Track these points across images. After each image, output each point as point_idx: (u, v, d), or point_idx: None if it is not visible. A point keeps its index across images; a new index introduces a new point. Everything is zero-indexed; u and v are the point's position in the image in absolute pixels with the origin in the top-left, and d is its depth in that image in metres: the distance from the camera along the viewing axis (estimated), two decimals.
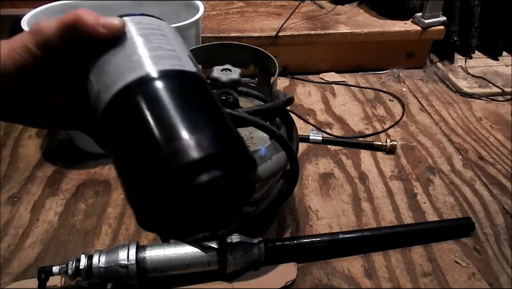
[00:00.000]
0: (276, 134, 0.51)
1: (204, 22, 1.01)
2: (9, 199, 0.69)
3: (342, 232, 0.64)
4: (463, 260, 0.63)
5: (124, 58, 0.27)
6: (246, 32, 1.02)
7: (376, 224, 0.68)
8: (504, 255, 0.64)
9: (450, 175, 0.79)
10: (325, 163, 0.80)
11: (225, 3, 1.18)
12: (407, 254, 0.63)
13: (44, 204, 0.68)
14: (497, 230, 0.68)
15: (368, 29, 1.07)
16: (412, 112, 0.98)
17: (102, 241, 0.62)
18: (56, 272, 0.52)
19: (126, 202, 0.26)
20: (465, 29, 1.15)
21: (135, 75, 0.26)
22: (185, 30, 0.72)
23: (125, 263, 0.52)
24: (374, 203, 0.72)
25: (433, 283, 0.59)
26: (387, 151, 0.84)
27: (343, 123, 0.92)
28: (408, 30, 1.09)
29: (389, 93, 1.05)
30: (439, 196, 0.74)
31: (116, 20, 0.28)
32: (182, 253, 0.55)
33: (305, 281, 0.58)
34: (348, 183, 0.76)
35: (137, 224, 0.25)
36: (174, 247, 0.55)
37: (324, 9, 1.17)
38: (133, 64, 0.26)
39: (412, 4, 1.11)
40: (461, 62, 1.17)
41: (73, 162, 0.76)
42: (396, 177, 0.78)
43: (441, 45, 1.15)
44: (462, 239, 0.66)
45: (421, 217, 0.70)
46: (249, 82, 0.70)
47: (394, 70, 1.13)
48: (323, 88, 1.05)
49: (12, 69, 0.27)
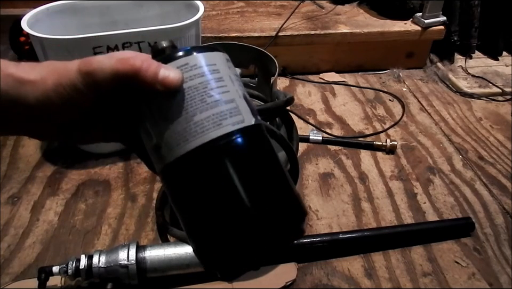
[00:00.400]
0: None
1: (204, 22, 1.01)
2: (9, 199, 0.69)
3: (342, 232, 0.64)
4: (463, 260, 0.63)
5: (185, 119, 0.27)
6: (246, 32, 1.02)
7: (376, 224, 0.68)
8: (504, 255, 0.64)
9: (450, 175, 0.79)
10: (325, 163, 0.80)
11: (225, 4, 1.18)
12: (407, 254, 0.63)
13: (44, 204, 0.68)
14: (497, 230, 0.68)
15: (368, 29, 1.07)
16: (412, 112, 0.97)
17: (102, 241, 0.62)
18: (56, 272, 0.52)
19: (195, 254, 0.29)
20: (465, 29, 1.15)
21: (199, 142, 0.26)
22: (185, 30, 0.72)
23: (125, 263, 0.52)
24: (374, 203, 0.72)
25: (433, 283, 0.59)
26: (387, 151, 0.84)
27: (343, 123, 0.92)
28: (408, 30, 1.09)
29: (389, 93, 1.05)
30: (439, 196, 0.74)
31: (175, 75, 0.26)
32: (182, 253, 0.55)
33: (305, 281, 0.58)
34: (347, 183, 0.76)
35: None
36: (174, 247, 0.55)
37: (323, 9, 1.17)
38: (196, 127, 0.26)
39: (412, 4, 1.11)
40: (461, 62, 1.17)
41: (73, 162, 0.76)
42: (396, 177, 0.78)
43: (441, 45, 1.15)
44: (462, 239, 0.66)
45: (421, 217, 0.70)
46: (249, 82, 0.70)
47: (394, 70, 1.13)
48: (323, 88, 1.05)
49: (57, 102, 0.27)
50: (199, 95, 0.27)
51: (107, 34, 0.67)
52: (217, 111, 0.27)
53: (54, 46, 0.66)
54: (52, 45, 0.65)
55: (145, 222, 0.66)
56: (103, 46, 0.67)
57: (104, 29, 0.68)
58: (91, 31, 0.67)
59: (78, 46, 0.66)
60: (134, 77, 0.26)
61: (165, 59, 0.27)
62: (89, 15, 0.78)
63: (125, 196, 0.70)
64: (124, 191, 0.71)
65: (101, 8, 0.77)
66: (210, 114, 0.27)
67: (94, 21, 0.78)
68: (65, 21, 0.76)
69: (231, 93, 0.28)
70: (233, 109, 0.27)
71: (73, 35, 0.65)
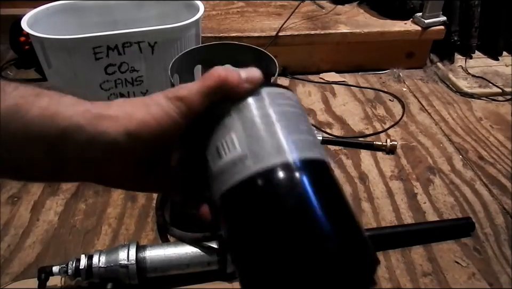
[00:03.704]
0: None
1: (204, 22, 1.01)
2: (9, 199, 0.69)
3: None
4: (463, 260, 0.63)
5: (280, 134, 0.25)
6: (246, 32, 1.02)
7: (376, 224, 0.68)
8: (504, 255, 0.64)
9: (450, 175, 0.79)
10: None
11: (225, 4, 1.18)
12: (407, 254, 0.63)
13: (44, 204, 0.68)
14: (497, 230, 0.68)
15: (368, 29, 1.07)
16: (412, 112, 0.97)
17: (102, 241, 0.62)
18: (56, 272, 0.52)
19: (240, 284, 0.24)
20: (465, 29, 1.15)
21: (279, 160, 0.24)
22: (185, 30, 0.72)
23: (125, 263, 0.52)
24: (374, 203, 0.72)
25: (433, 283, 0.59)
26: (387, 151, 0.84)
27: (343, 123, 0.92)
28: (408, 30, 1.09)
29: (389, 93, 1.04)
30: (439, 196, 0.74)
31: (256, 71, 0.27)
32: (182, 253, 0.55)
33: None
34: (348, 183, 0.76)
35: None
36: (174, 247, 0.55)
37: (324, 9, 1.17)
38: (291, 144, 0.25)
39: (412, 4, 1.10)
40: (461, 62, 1.17)
41: None
42: (396, 177, 0.78)
43: (441, 45, 1.15)
44: (462, 239, 0.66)
45: (421, 217, 0.70)
46: None
47: (394, 70, 1.13)
48: (323, 88, 1.05)
49: (147, 137, 0.25)
50: (294, 119, 0.27)
51: (107, 34, 0.67)
52: (308, 138, 0.26)
53: (54, 46, 0.66)
54: (52, 45, 0.65)
55: (145, 222, 0.66)
56: (103, 46, 0.67)
57: (104, 29, 0.68)
58: (91, 31, 0.67)
59: (78, 46, 0.66)
60: (222, 85, 0.26)
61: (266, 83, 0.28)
62: (89, 15, 0.78)
63: (125, 196, 0.70)
64: (124, 191, 0.71)
65: (101, 8, 0.77)
66: (303, 138, 0.26)
67: (94, 21, 0.78)
68: (65, 21, 0.76)
69: (309, 127, 0.28)
70: (317, 142, 0.27)
71: (73, 35, 0.65)
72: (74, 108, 0.24)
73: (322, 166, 0.26)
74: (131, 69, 0.72)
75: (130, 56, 0.70)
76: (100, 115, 0.25)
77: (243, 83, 0.26)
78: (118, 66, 0.71)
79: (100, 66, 0.69)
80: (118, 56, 0.70)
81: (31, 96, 0.24)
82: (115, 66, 0.71)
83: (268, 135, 0.25)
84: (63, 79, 0.69)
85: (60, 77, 0.69)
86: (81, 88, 0.70)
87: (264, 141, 0.25)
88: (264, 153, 0.24)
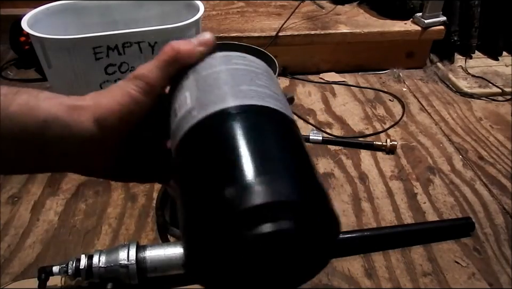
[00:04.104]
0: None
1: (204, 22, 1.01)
2: (9, 199, 0.69)
3: (342, 232, 0.64)
4: (463, 260, 0.63)
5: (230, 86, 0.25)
6: (246, 32, 1.02)
7: (376, 224, 0.68)
8: (504, 255, 0.64)
9: (450, 175, 0.79)
10: (325, 163, 0.80)
11: (225, 4, 1.18)
12: (407, 254, 0.63)
13: (44, 204, 0.68)
14: (497, 230, 0.68)
15: (368, 29, 1.07)
16: (411, 112, 0.97)
17: (102, 241, 0.62)
18: (56, 272, 0.52)
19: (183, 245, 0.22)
20: (465, 29, 1.15)
21: (218, 107, 0.24)
22: (185, 30, 0.71)
23: (125, 263, 0.52)
24: (374, 203, 0.72)
25: (433, 283, 0.59)
26: (387, 151, 0.84)
27: (343, 123, 0.92)
28: (408, 30, 1.09)
29: (389, 93, 1.05)
30: (439, 196, 0.74)
31: (208, 34, 0.28)
32: (182, 253, 0.55)
33: None
34: (347, 183, 0.76)
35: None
36: (174, 247, 0.55)
37: (324, 9, 1.17)
38: (239, 92, 0.25)
39: (412, 4, 1.11)
40: (461, 62, 1.17)
41: None
42: (396, 177, 0.78)
43: (441, 45, 1.15)
44: (462, 239, 0.66)
45: (421, 217, 0.70)
46: None
47: (394, 70, 1.13)
48: (323, 88, 1.05)
49: (113, 122, 0.26)
50: (248, 75, 0.27)
51: (107, 34, 0.67)
52: (262, 91, 0.26)
53: (54, 46, 0.66)
54: (52, 45, 0.65)
55: (145, 222, 0.66)
56: (103, 46, 0.67)
57: (104, 29, 0.68)
58: (91, 31, 0.67)
59: (78, 46, 0.66)
60: (177, 55, 0.27)
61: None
62: (89, 15, 0.78)
63: (125, 196, 0.70)
64: (124, 191, 0.71)
65: (101, 8, 0.77)
66: (256, 89, 0.25)
67: (94, 21, 0.78)
68: (65, 21, 0.76)
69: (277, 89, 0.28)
70: (277, 98, 0.26)
71: (73, 35, 0.65)
72: (51, 101, 0.26)
73: (270, 114, 0.25)
74: (131, 69, 0.72)
75: (131, 56, 0.70)
76: (74, 106, 0.26)
77: (196, 47, 0.27)
78: (118, 66, 0.71)
79: (100, 66, 0.69)
80: (118, 56, 0.70)
81: (11, 94, 0.25)
82: (115, 66, 0.71)
83: (216, 87, 0.25)
84: (63, 79, 0.69)
85: (59, 77, 0.69)
86: (81, 88, 0.70)
87: (210, 92, 0.25)
88: (208, 102, 0.24)
